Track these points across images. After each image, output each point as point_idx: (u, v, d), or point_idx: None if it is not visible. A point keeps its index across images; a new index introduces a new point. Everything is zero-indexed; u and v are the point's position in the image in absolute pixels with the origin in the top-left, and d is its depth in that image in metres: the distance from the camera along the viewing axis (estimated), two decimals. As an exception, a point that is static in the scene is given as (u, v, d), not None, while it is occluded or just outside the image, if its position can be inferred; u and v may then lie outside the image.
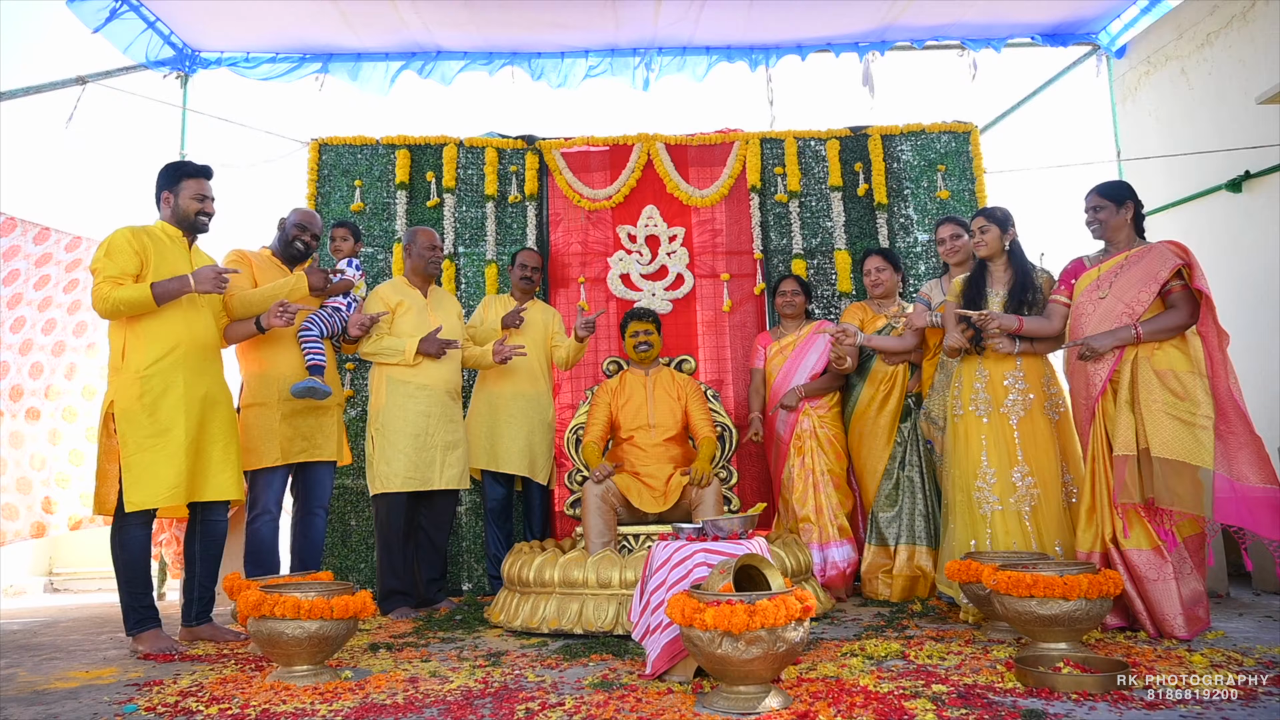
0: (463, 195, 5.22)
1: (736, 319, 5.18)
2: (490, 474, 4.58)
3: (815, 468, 4.28)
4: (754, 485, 5.00)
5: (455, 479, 4.18)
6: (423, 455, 4.08)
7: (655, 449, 4.06)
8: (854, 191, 5.27)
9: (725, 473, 4.41)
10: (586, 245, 5.24)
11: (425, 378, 4.14)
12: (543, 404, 4.63)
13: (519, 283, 4.73)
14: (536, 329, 4.70)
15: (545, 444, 4.60)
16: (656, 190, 5.29)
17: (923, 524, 4.13)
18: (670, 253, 5.21)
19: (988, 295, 3.74)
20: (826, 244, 5.21)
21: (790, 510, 4.32)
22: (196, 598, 3.56)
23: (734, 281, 5.21)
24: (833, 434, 4.35)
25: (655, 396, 4.17)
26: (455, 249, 5.15)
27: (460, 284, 5.13)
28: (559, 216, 5.28)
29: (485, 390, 4.63)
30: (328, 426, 4.00)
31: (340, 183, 5.20)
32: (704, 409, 4.18)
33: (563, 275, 5.22)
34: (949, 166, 5.28)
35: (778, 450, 4.43)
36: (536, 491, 4.64)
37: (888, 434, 4.23)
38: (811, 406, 4.38)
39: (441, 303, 4.38)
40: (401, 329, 4.18)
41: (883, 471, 4.23)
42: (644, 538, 3.85)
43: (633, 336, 4.27)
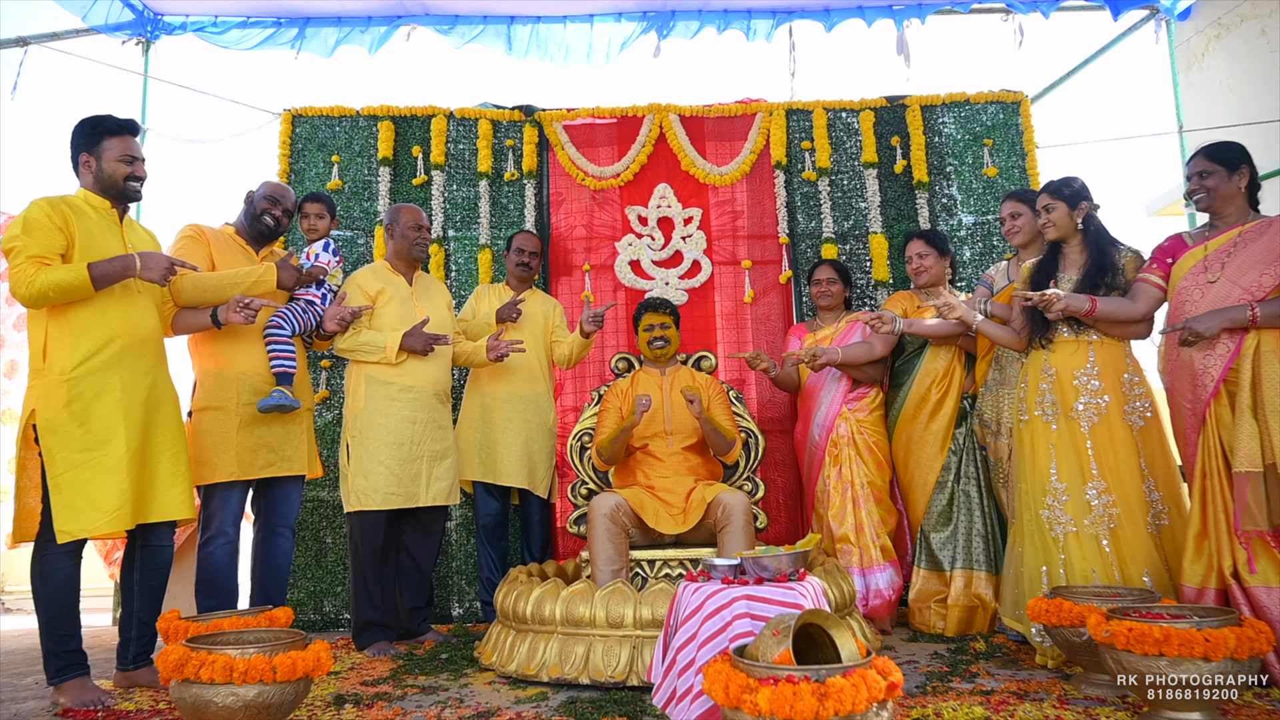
0: (453, 172, 4.67)
1: (760, 311, 4.63)
2: (483, 486, 4.04)
3: (854, 479, 3.73)
4: (782, 497, 4.45)
5: (444, 493, 3.64)
6: (407, 467, 3.54)
7: (673, 459, 3.52)
8: (890, 168, 4.72)
9: (750, 485, 3.87)
10: (592, 228, 4.69)
11: (410, 378, 3.60)
12: (543, 407, 4.09)
13: (515, 270, 4.19)
14: (536, 322, 4.15)
15: (545, 452, 4.06)
16: (670, 167, 4.74)
17: (981, 545, 3.58)
18: (685, 237, 4.66)
19: (1059, 281, 3.20)
20: (860, 227, 4.66)
21: (825, 528, 3.77)
22: (135, 636, 3.02)
23: (757, 269, 4.66)
24: (874, 440, 3.80)
25: (673, 399, 3.63)
26: (444, 232, 4.61)
27: (450, 271, 4.59)
28: (561, 196, 4.73)
29: (478, 392, 4.08)
30: (295, 435, 3.47)
31: (316, 158, 4.65)
32: (727, 412, 3.64)
33: (565, 262, 4.67)
34: (997, 140, 4.72)
35: (811, 458, 3.89)
36: (536, 506, 4.10)
37: (940, 441, 3.68)
38: (850, 409, 3.83)
39: (429, 291, 3.84)
40: (383, 321, 3.64)
41: (934, 484, 3.68)
42: (661, 564, 3.31)
43: (647, 330, 3.72)
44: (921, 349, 3.79)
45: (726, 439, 3.48)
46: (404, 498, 3.54)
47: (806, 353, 3.67)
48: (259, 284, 3.31)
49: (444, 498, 3.65)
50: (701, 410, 3.39)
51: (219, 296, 3.22)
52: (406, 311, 3.68)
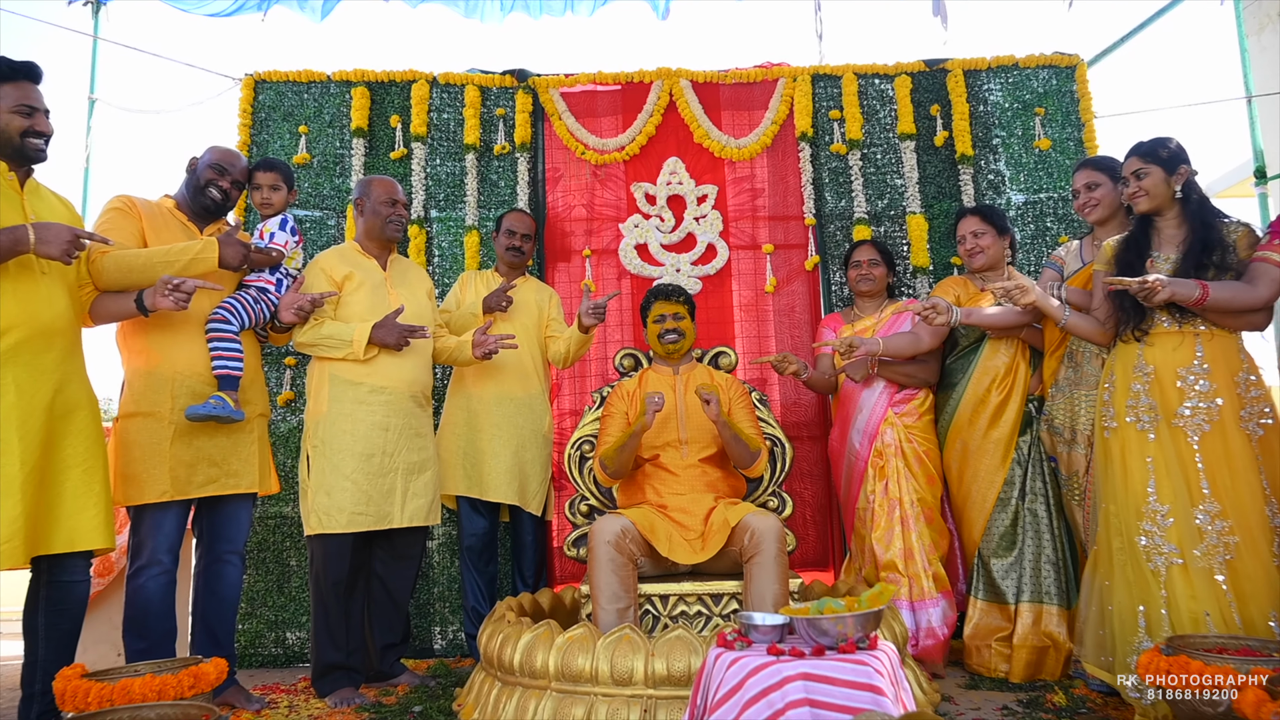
0: (436, 145, 4.14)
1: (783, 301, 4.09)
2: (468, 502, 3.50)
3: (903, 496, 3.19)
4: (810, 513, 3.92)
5: (422, 512, 3.11)
6: (378, 482, 3.01)
7: (689, 473, 2.98)
8: (930, 141, 4.18)
9: (776, 501, 3.33)
10: (593, 208, 4.15)
11: (382, 377, 3.07)
12: (536, 411, 3.55)
13: (506, 254, 3.66)
14: (528, 314, 3.62)
15: (539, 463, 3.53)
16: (681, 139, 4.21)
17: (1052, 575, 3.05)
18: (699, 217, 4.12)
19: (1155, 261, 2.67)
20: (896, 206, 4.12)
21: (867, 552, 3.24)
22: (39, 691, 2.48)
23: (780, 254, 4.13)
24: (925, 449, 3.26)
25: (688, 402, 3.09)
26: (426, 212, 4.07)
27: (432, 256, 4.05)
28: (558, 172, 4.20)
29: (462, 394, 3.55)
30: (243, 447, 2.94)
31: (281, 129, 4.11)
32: (751, 417, 3.11)
33: (562, 246, 4.14)
34: (1049, 109, 4.18)
35: (850, 471, 3.35)
36: (529, 524, 3.56)
37: (1002, 452, 3.15)
38: (896, 414, 3.29)
39: (406, 277, 3.31)
40: (350, 311, 3.11)
41: (994, 501, 3.15)
42: (676, 599, 2.78)
43: (657, 321, 3.19)
44: (978, 344, 3.25)
45: (750, 449, 2.94)
46: (374, 518, 3.01)
47: (841, 342, 3.13)
48: (196, 262, 2.78)
49: (422, 517, 3.12)
50: (720, 413, 2.86)
51: (148, 278, 2.69)
52: (378, 299, 3.15)
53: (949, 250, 4.05)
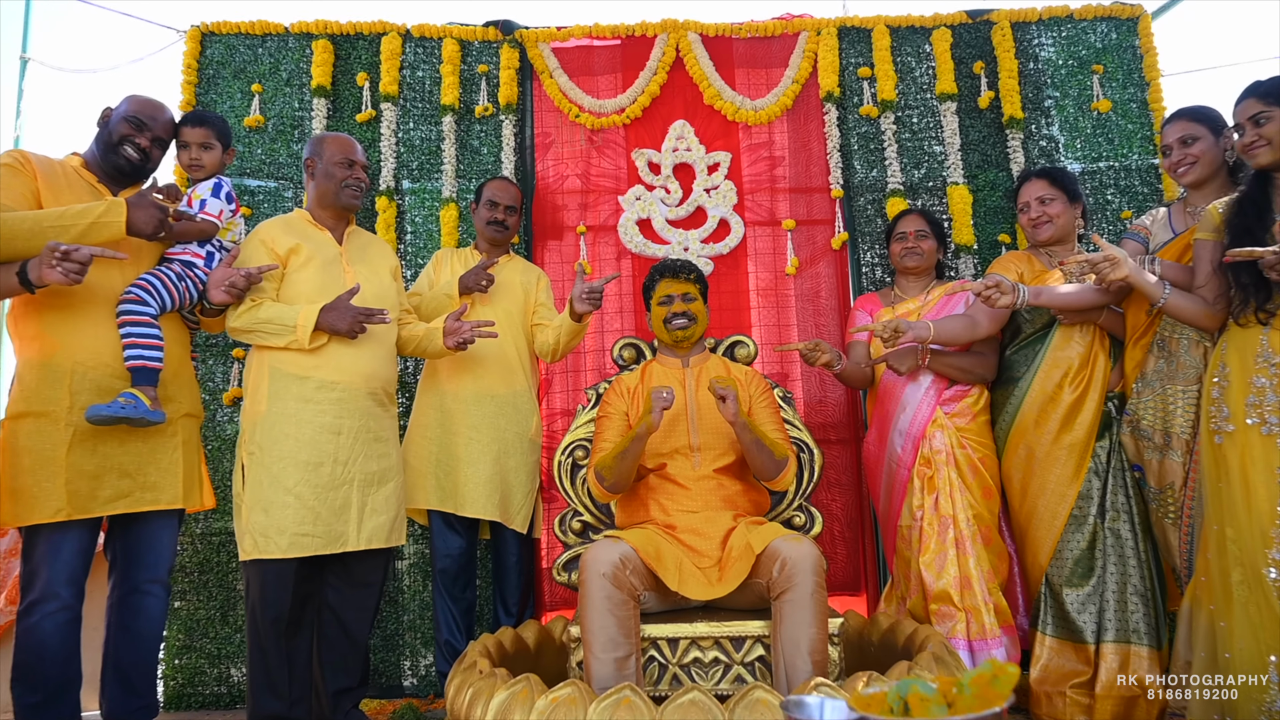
0: (409, 106, 3.62)
1: (806, 284, 3.58)
2: (441, 518, 2.99)
3: (957, 513, 2.67)
4: (839, 528, 3.40)
5: (383, 532, 2.60)
6: (328, 497, 2.50)
7: (702, 486, 2.47)
8: (973, 102, 3.67)
9: (803, 518, 2.82)
10: (589, 178, 3.64)
11: (333, 370, 2.56)
12: (521, 411, 3.04)
13: (487, 229, 3.14)
14: (512, 298, 3.10)
15: (525, 472, 3.01)
16: (689, 101, 3.69)
17: (1140, 609, 2.53)
18: (710, 189, 3.61)
19: (1279, 224, 2.16)
20: (935, 176, 3.60)
21: (914, 578, 2.72)
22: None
23: (802, 230, 3.61)
24: (981, 456, 2.75)
25: (700, 400, 2.58)
26: (397, 182, 3.55)
27: (404, 234, 3.53)
28: (549, 137, 3.68)
29: (435, 391, 3.04)
30: (164, 454, 2.45)
31: (231, 87, 3.59)
32: (776, 418, 2.58)
33: (554, 221, 3.62)
34: (1109, 66, 3.66)
35: (891, 481, 2.84)
36: (512, 544, 3.05)
37: (1077, 459, 2.63)
38: (946, 413, 2.78)
39: (366, 252, 2.80)
40: (296, 291, 2.60)
41: (1066, 519, 2.63)
42: (688, 644, 2.26)
43: (663, 304, 2.67)
44: (1045, 331, 2.73)
45: (775, 456, 2.42)
46: (324, 540, 2.49)
47: (885, 326, 2.61)
48: (98, 228, 2.27)
49: (383, 538, 2.60)
50: (739, 412, 2.34)
51: (35, 245, 2.18)
52: (331, 277, 2.64)
53: (996, 226, 3.53)
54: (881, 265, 3.50)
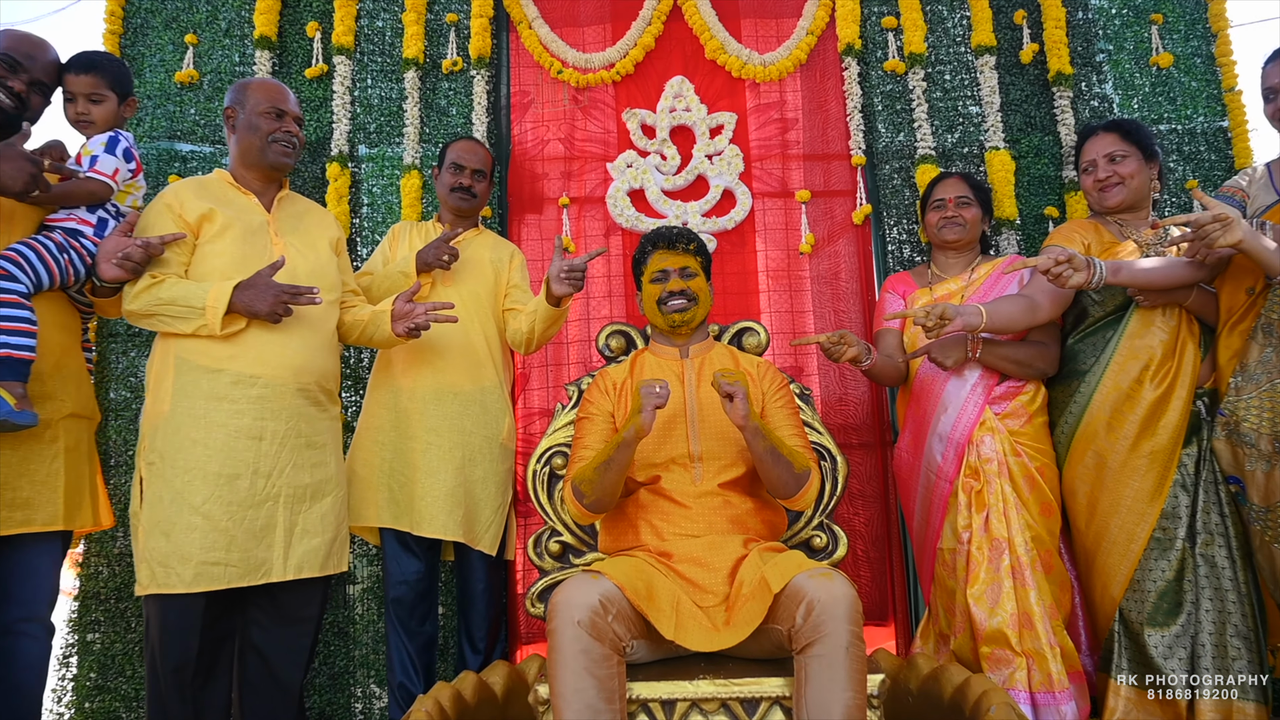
0: (367, 60, 3.15)
1: (823, 264, 3.11)
2: (396, 538, 2.52)
3: (1013, 535, 2.21)
4: (864, 546, 2.93)
5: (317, 558, 2.14)
6: (246, 517, 2.04)
7: (705, 504, 1.99)
8: (1014, 57, 3.20)
9: (824, 539, 2.36)
10: (573, 143, 3.17)
11: (253, 362, 2.10)
12: (490, 410, 2.57)
13: (451, 196, 2.67)
14: (481, 278, 2.64)
15: (494, 483, 2.54)
16: (688, 55, 3.22)
17: (1244, 655, 2.06)
18: (712, 155, 3.14)
19: None
20: (972, 140, 3.13)
21: (959, 613, 2.26)
22: None
23: (819, 203, 3.14)
24: (1039, 466, 2.28)
25: (702, 399, 2.10)
26: (352, 147, 3.08)
27: (359, 206, 3.06)
28: (527, 95, 3.21)
29: (388, 387, 2.57)
30: (40, 464, 2.00)
31: (161, 38, 3.12)
32: (795, 422, 2.11)
33: (532, 192, 3.15)
34: (1169, 16, 3.19)
35: (928, 494, 2.37)
36: (480, 567, 2.58)
37: (1160, 470, 2.16)
38: (996, 413, 2.31)
39: (301, 222, 2.34)
40: (209, 266, 2.14)
41: (1145, 542, 2.16)
42: (688, 709, 1.78)
43: (657, 280, 2.19)
44: (1118, 315, 2.27)
45: (795, 469, 1.95)
46: (240, 569, 2.03)
47: (929, 312, 2.13)
48: (-60, 185, 1.81)
49: (317, 565, 2.14)
50: (750, 413, 1.87)
51: None
52: (254, 250, 2.18)
53: (1041, 198, 3.07)
54: (910, 243, 3.04)
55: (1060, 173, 3.08)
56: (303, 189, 3.00)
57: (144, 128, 3.01)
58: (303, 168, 3.04)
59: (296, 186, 3.00)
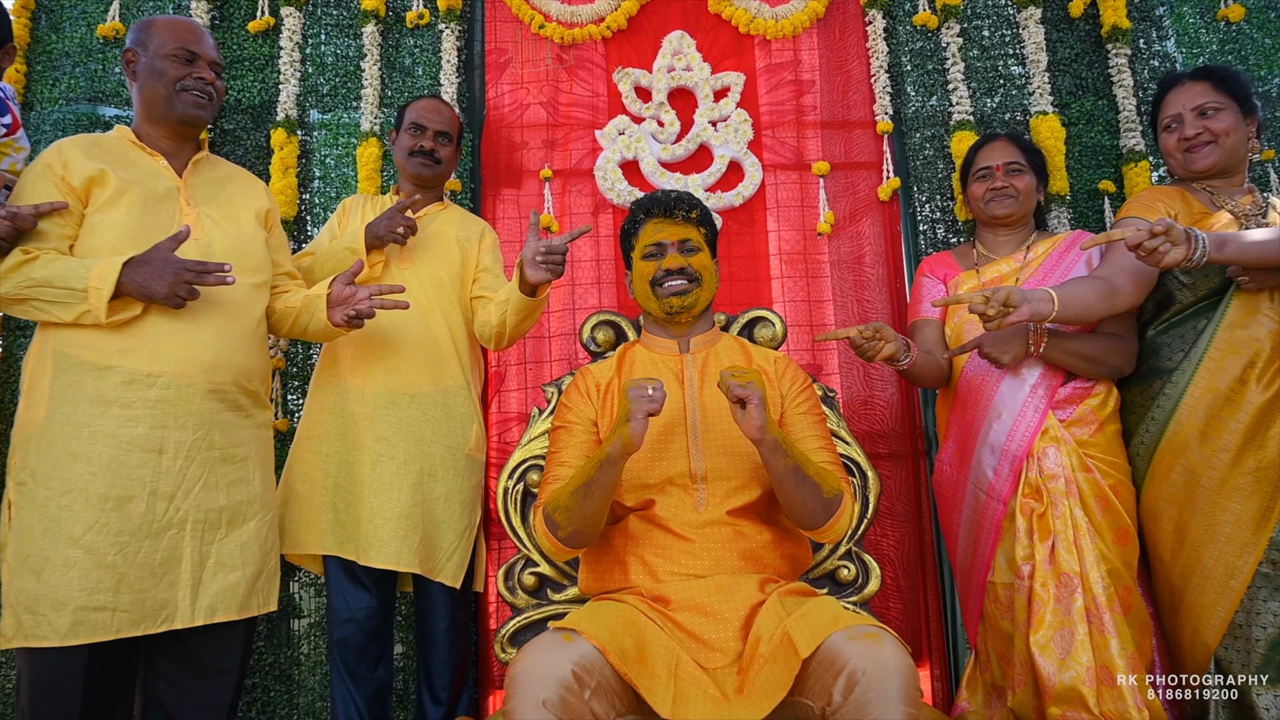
0: (320, 13, 2.75)
1: (844, 246, 2.71)
2: (342, 566, 2.12)
3: (1087, 569, 1.80)
4: (893, 573, 2.53)
5: (235, 598, 1.76)
6: (139, 550, 1.66)
7: (710, 535, 1.58)
8: (1063, 10, 2.80)
9: (851, 571, 1.96)
10: (557, 108, 2.76)
11: (150, 356, 1.71)
12: (455, 416, 2.17)
13: (410, 162, 2.27)
14: (444, 259, 2.24)
15: (458, 501, 2.14)
16: (689, 7, 2.82)
17: (1383, 722, 1.67)
18: (716, 121, 2.74)
19: None
20: (1015, 105, 2.73)
21: (1018, 661, 1.86)
22: None
23: (839, 176, 2.74)
24: (1113, 484, 1.88)
25: (706, 403, 1.69)
26: (302, 111, 2.68)
27: (309, 179, 2.66)
28: (504, 54, 2.81)
29: (334, 388, 2.17)
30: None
31: (81, -14, 2.72)
32: (821, 431, 1.69)
33: (510, 163, 2.74)
34: (1239, -37, 2.80)
35: (977, 515, 1.97)
36: (441, 602, 2.17)
37: (1269, 492, 1.76)
38: (1061, 419, 1.91)
39: (222, 190, 1.95)
40: (99, 239, 1.76)
41: (1249, 578, 1.76)
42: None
43: (650, 256, 1.77)
44: (1212, 301, 1.87)
45: (823, 493, 1.54)
46: (133, 615, 1.65)
47: (985, 297, 1.72)
48: None
49: (235, 606, 1.76)
50: (766, 423, 1.46)
51: None
52: (157, 221, 1.80)
53: (1095, 170, 2.67)
54: (945, 221, 2.64)
55: (1117, 141, 2.68)
56: (243, 160, 2.60)
57: (61, 89, 2.61)
58: (244, 135, 2.64)
59: (236, 158, 2.60)
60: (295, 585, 2.45)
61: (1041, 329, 1.86)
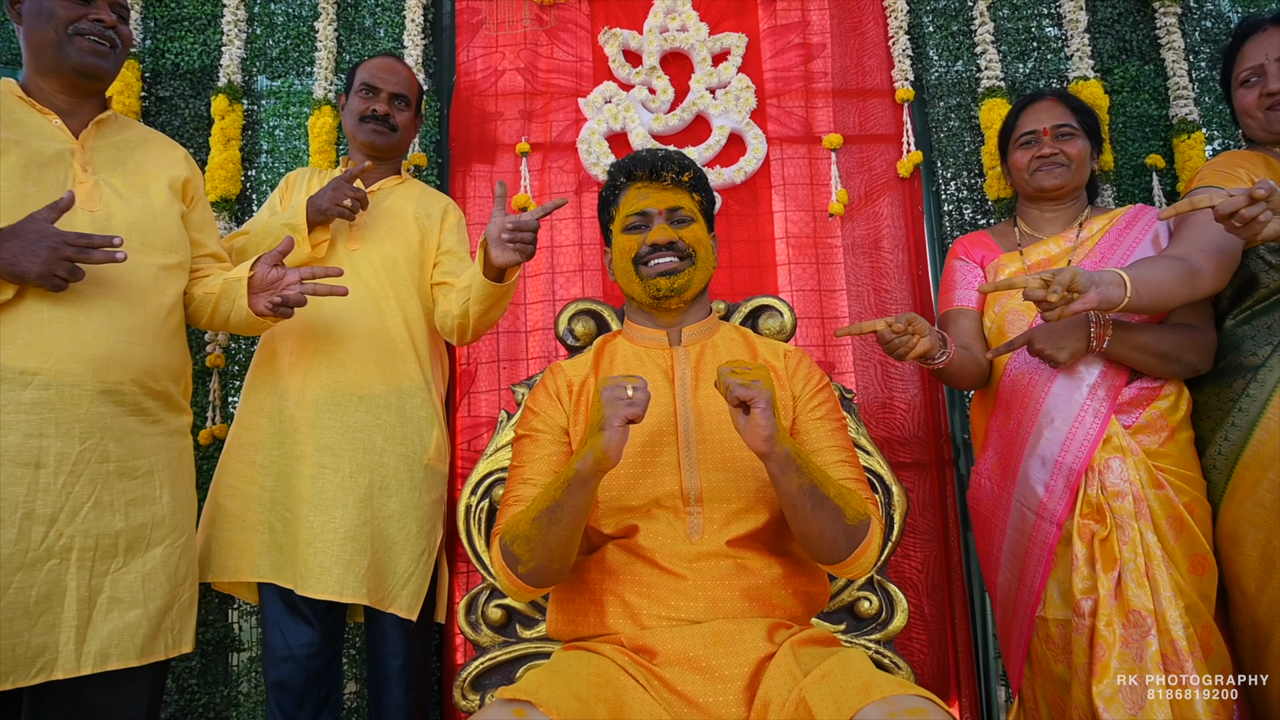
0: (268, -34, 2.45)
1: (860, 229, 2.41)
2: (279, 596, 1.82)
3: (1163, 607, 1.50)
4: (916, 600, 2.22)
5: (133, 641, 1.47)
6: (7, 585, 1.37)
7: (707, 571, 1.27)
8: (1102, -36, 2.51)
9: (873, 603, 1.67)
10: (536, 74, 2.46)
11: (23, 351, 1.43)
12: (411, 421, 1.87)
13: (360, 129, 1.97)
14: (400, 239, 1.94)
15: (414, 521, 1.84)
16: (684, -38, 2.52)
17: None
18: (715, 87, 2.43)
19: None
20: (1051, 70, 2.44)
21: (1075, 713, 1.55)
22: None
23: (853, 150, 2.44)
24: (1188, 501, 1.59)
25: (702, 407, 1.38)
26: (247, 77, 2.38)
27: (256, 152, 2.36)
28: (477, 14, 2.50)
29: (270, 387, 1.87)
30: None
31: (-1, -64, 2.42)
32: (840, 440, 1.37)
33: (482, 136, 2.44)
34: (1300, -88, 2.50)
35: (1022, 538, 1.66)
36: (394, 637, 1.87)
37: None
38: (1126, 425, 1.61)
39: (129, 155, 1.65)
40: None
41: (1358, 619, 1.46)
42: None
43: (633, 228, 1.44)
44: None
45: (846, 519, 1.23)
46: (3, 664, 1.34)
47: (1044, 280, 1.41)
48: None
49: (134, 651, 1.47)
50: (775, 433, 1.15)
51: None
52: (43, 187, 1.52)
53: (1142, 143, 2.38)
54: (973, 201, 2.34)
55: (1165, 111, 2.38)
56: (181, 132, 2.30)
57: (-28, 50, 2.31)
58: (182, 104, 2.34)
59: (173, 130, 2.30)
60: (235, 614, 2.15)
61: (1106, 319, 1.56)
